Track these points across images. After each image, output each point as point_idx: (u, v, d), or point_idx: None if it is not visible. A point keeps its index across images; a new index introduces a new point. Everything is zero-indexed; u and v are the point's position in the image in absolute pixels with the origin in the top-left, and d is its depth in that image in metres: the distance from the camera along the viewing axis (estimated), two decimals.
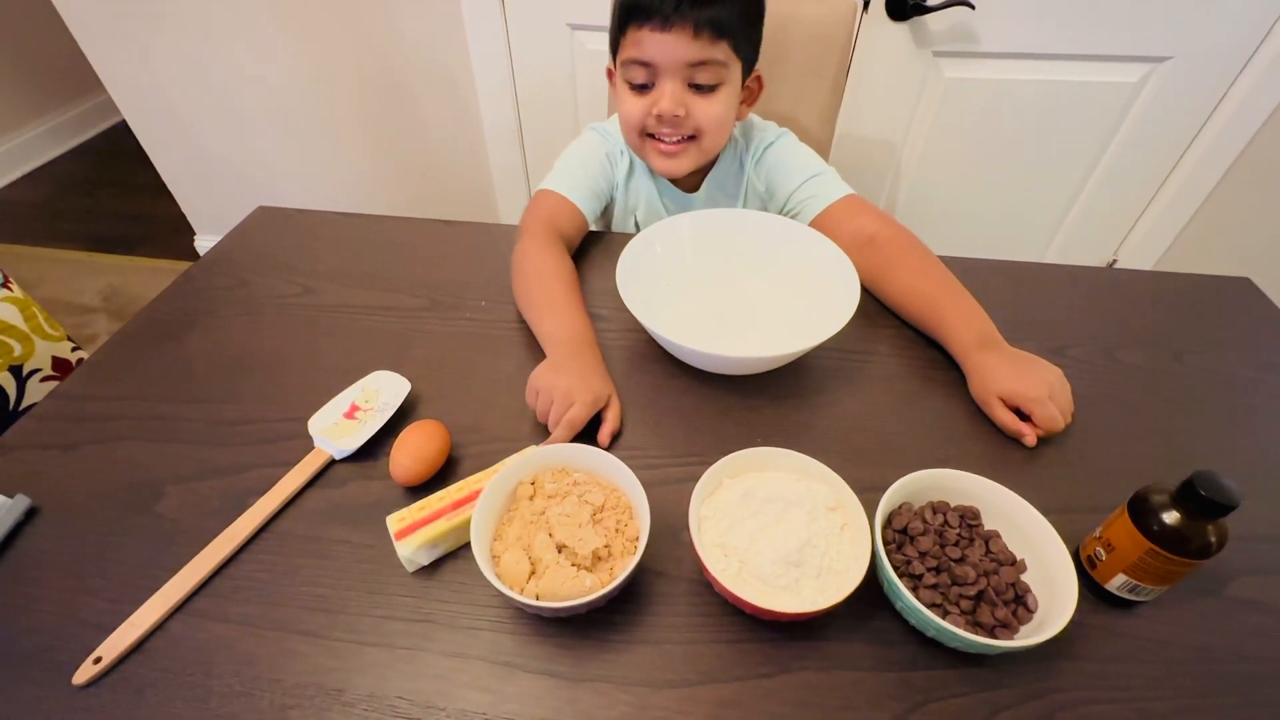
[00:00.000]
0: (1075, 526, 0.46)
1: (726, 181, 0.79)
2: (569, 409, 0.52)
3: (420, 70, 1.31)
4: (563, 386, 0.53)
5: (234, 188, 1.60)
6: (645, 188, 0.79)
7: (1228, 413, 0.57)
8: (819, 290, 0.61)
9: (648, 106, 0.66)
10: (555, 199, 0.72)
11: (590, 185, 0.74)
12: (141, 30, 1.33)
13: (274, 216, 0.84)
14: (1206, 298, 0.70)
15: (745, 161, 0.78)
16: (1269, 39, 1.04)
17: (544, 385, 0.53)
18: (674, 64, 0.64)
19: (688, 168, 0.71)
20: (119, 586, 0.45)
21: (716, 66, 0.64)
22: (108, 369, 0.62)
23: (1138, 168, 1.23)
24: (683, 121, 0.66)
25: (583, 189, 0.74)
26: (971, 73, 1.14)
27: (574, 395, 0.52)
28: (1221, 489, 0.37)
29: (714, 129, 0.68)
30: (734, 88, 0.67)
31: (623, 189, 0.79)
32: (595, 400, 0.53)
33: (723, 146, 0.73)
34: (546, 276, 0.64)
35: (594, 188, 0.75)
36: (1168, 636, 0.42)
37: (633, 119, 0.68)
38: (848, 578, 0.40)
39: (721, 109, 0.67)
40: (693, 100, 0.66)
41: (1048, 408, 0.51)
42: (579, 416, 0.52)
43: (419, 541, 0.43)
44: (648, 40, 0.63)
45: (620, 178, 0.78)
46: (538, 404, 0.53)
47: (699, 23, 0.61)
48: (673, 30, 0.61)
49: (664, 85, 0.65)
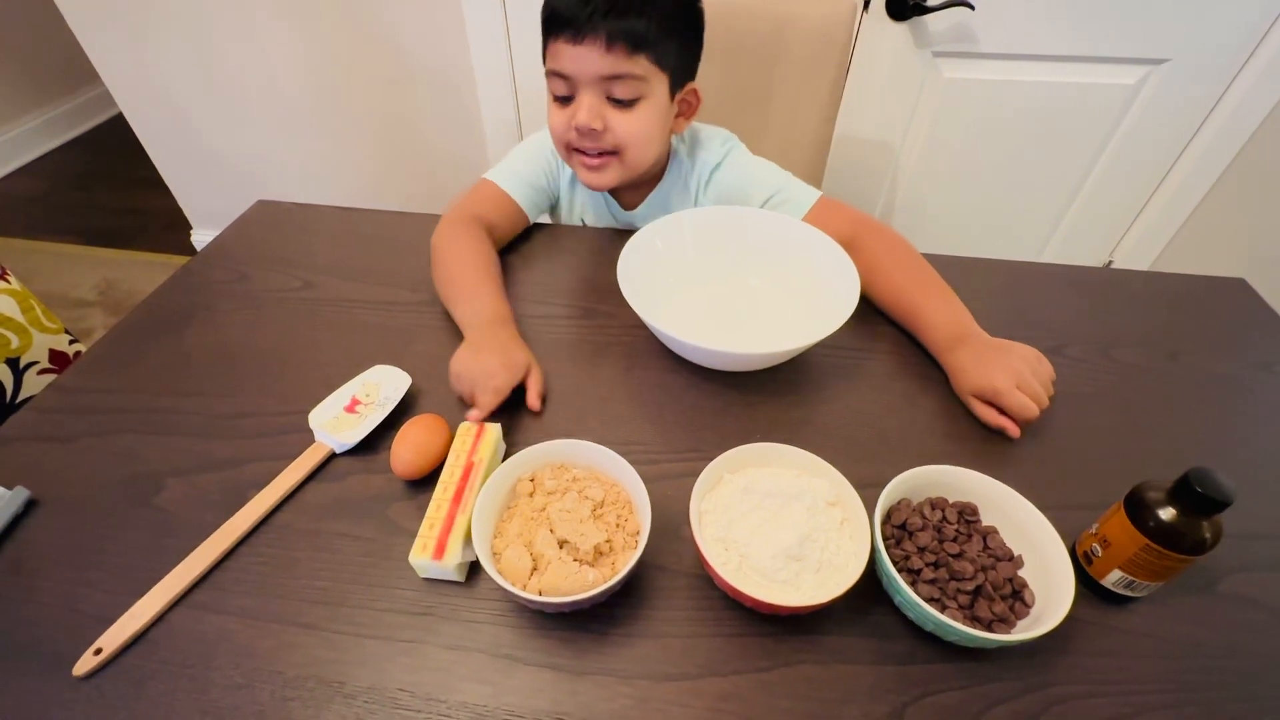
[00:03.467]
0: (1072, 523, 0.46)
1: (670, 204, 0.78)
2: (490, 382, 0.53)
3: (420, 67, 1.30)
4: (482, 365, 0.54)
5: (231, 183, 1.59)
6: (592, 199, 0.79)
7: (1222, 411, 0.58)
8: (819, 287, 0.61)
9: (569, 119, 0.65)
10: (491, 189, 0.73)
11: (530, 180, 0.75)
12: (139, 23, 1.32)
13: (273, 210, 0.84)
14: (1201, 298, 0.70)
15: (692, 184, 0.77)
16: (1265, 42, 1.05)
17: (464, 369, 0.54)
18: (589, 77, 0.62)
19: (611, 181, 0.70)
20: (118, 578, 0.45)
21: (634, 80, 0.62)
22: (106, 362, 0.62)
23: (1135, 169, 1.23)
24: (601, 135, 0.65)
25: (521, 183, 0.74)
26: (971, 73, 1.14)
27: (494, 371, 0.53)
28: (1217, 486, 0.37)
29: (635, 144, 0.66)
30: (658, 102, 0.65)
31: (566, 191, 0.79)
32: (514, 368, 0.54)
33: (651, 162, 0.71)
34: (462, 262, 0.65)
35: (534, 183, 0.75)
36: (1162, 632, 0.43)
37: (557, 131, 0.67)
38: (847, 572, 0.40)
39: (642, 124, 0.65)
40: (611, 114, 0.64)
41: (1016, 397, 0.52)
42: (502, 384, 0.53)
43: (458, 544, 0.43)
44: (563, 52, 0.62)
45: (564, 178, 0.78)
46: (461, 387, 0.54)
47: (612, 35, 0.59)
48: (585, 43, 0.60)
49: (582, 98, 0.63)
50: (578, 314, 0.67)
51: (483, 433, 0.50)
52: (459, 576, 0.44)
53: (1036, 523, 0.43)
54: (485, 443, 0.49)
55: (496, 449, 0.51)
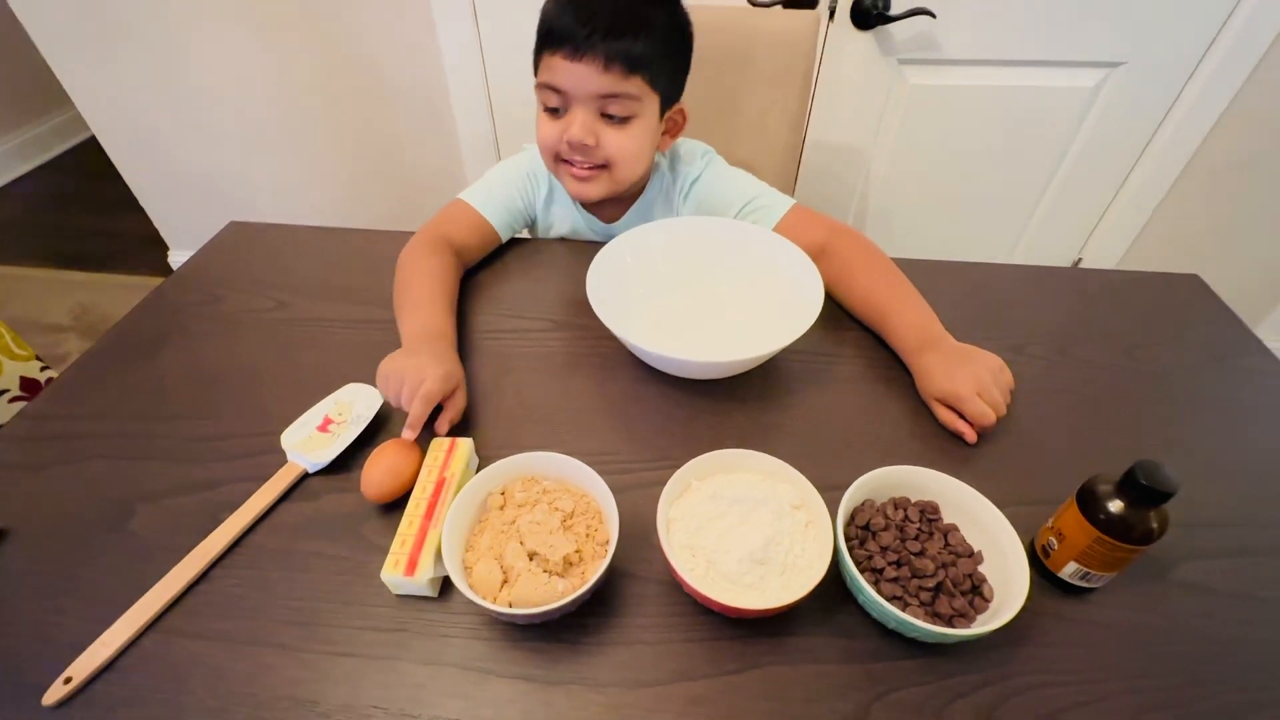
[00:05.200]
0: (1032, 517, 0.48)
1: (652, 215, 0.79)
2: (421, 384, 0.51)
3: (394, 83, 1.31)
4: (413, 364, 0.53)
5: (208, 202, 1.58)
6: (569, 216, 0.80)
7: (1176, 403, 0.60)
8: (785, 294, 0.62)
9: (560, 131, 0.66)
10: (464, 210, 0.74)
11: (504, 201, 0.76)
12: (109, 44, 1.32)
13: (246, 231, 0.84)
14: (1158, 294, 0.73)
15: (674, 197, 0.78)
16: (1215, 46, 1.09)
17: (393, 368, 0.53)
18: (584, 94, 0.63)
19: (599, 194, 0.71)
20: (90, 606, 0.45)
21: (628, 100, 0.64)
22: (77, 388, 0.62)
23: (1099, 168, 1.27)
24: (593, 150, 0.66)
25: (495, 203, 0.75)
26: (935, 79, 1.17)
27: (425, 371, 0.52)
28: (1160, 477, 0.39)
29: (626, 160, 0.68)
30: (649, 121, 0.67)
31: (542, 211, 0.80)
32: (447, 375, 0.53)
33: (638, 178, 0.73)
34: (418, 281, 0.65)
35: (509, 204, 0.76)
36: (1117, 620, 0.44)
37: (547, 142, 0.68)
38: (811, 574, 0.41)
39: (634, 141, 0.67)
40: (604, 130, 0.66)
41: (975, 404, 0.53)
42: (433, 389, 0.52)
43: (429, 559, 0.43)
44: (559, 68, 0.62)
45: (540, 198, 0.79)
46: (389, 388, 0.53)
47: (610, 55, 0.60)
48: (583, 61, 0.61)
49: (575, 113, 0.65)
50: (551, 327, 0.68)
51: (454, 448, 0.51)
52: (432, 592, 0.44)
53: (994, 519, 0.44)
54: (457, 458, 0.50)
55: (469, 463, 0.51)
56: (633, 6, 0.62)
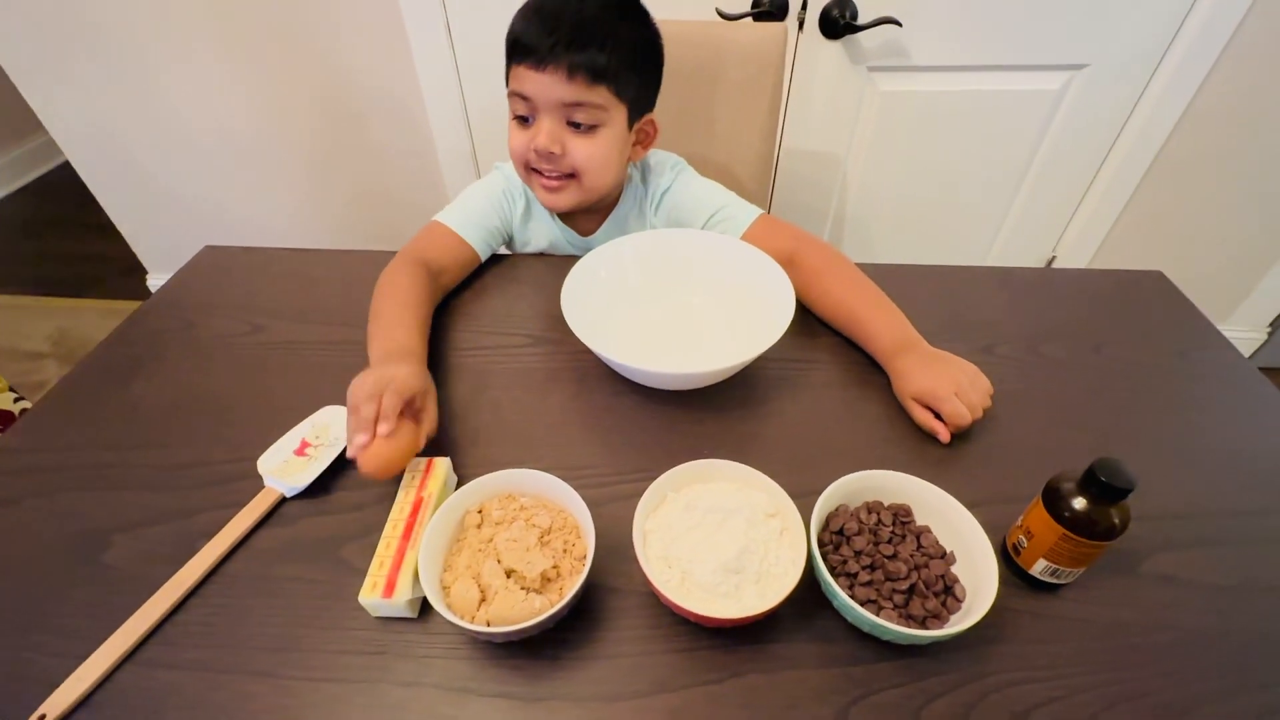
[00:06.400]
0: (1004, 516, 0.49)
1: (627, 226, 0.80)
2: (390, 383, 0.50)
3: (370, 99, 1.31)
4: (388, 371, 0.51)
5: (186, 224, 1.57)
6: (547, 231, 0.80)
7: (1141, 399, 0.61)
8: (757, 303, 0.63)
9: (529, 139, 0.67)
10: (441, 231, 0.74)
11: (481, 220, 0.76)
12: (79, 68, 1.31)
13: (220, 255, 0.83)
14: (1124, 292, 0.74)
15: (646, 209, 0.80)
16: (1174, 47, 1.12)
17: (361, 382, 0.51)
18: (549, 102, 0.65)
19: (569, 204, 0.72)
20: (65, 640, 0.44)
21: (593, 109, 0.65)
22: (50, 419, 0.61)
23: (1067, 168, 1.29)
24: (559, 159, 0.67)
25: (472, 224, 0.75)
26: (905, 85, 1.19)
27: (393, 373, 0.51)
28: (1119, 473, 0.40)
29: (593, 169, 0.69)
30: (616, 130, 0.68)
31: (520, 227, 0.80)
32: (415, 374, 0.52)
33: (608, 187, 0.73)
34: (389, 304, 0.64)
35: (485, 223, 0.76)
36: (1088, 615, 0.45)
37: (517, 150, 0.69)
38: (785, 581, 0.41)
39: (600, 150, 0.68)
40: (570, 139, 0.67)
41: (954, 404, 0.54)
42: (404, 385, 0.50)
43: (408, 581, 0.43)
44: (526, 77, 0.64)
45: (517, 215, 0.80)
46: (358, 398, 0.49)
47: (574, 65, 0.62)
48: (547, 70, 0.62)
49: (542, 121, 0.66)
50: (528, 342, 0.68)
51: (431, 468, 0.51)
52: (411, 613, 0.44)
53: (965, 519, 0.45)
54: (434, 477, 0.50)
55: (446, 482, 0.51)
56: (598, 18, 0.63)
